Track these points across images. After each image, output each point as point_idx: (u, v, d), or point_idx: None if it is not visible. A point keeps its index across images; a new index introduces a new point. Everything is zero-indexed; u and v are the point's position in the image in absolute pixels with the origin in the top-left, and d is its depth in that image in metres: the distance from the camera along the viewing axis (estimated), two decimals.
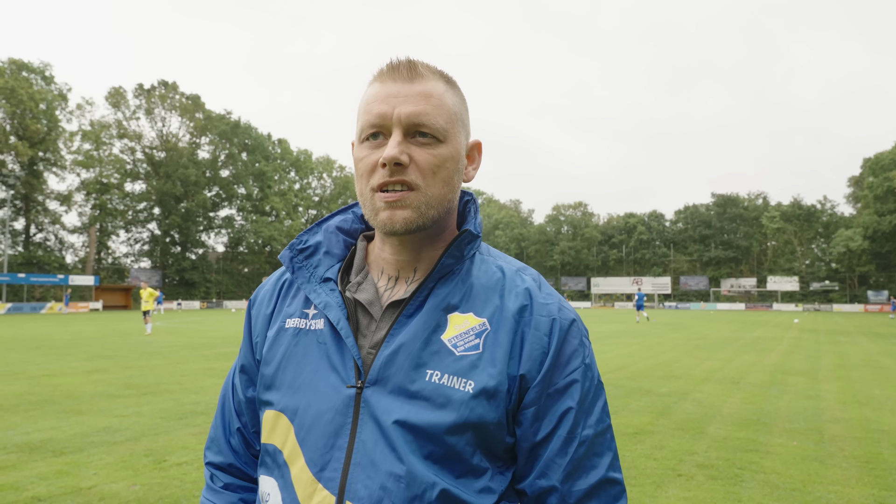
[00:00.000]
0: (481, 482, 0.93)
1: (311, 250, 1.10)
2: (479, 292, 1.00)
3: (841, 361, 14.95)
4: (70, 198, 65.31)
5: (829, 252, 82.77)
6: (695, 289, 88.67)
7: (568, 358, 0.97)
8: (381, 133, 0.97)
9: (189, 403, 8.53)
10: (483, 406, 0.92)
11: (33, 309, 50.28)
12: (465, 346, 0.95)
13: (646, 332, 25.80)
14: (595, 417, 0.98)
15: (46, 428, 7.00)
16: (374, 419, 0.93)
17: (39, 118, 60.07)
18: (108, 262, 72.00)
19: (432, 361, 0.94)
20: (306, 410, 0.97)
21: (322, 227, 1.14)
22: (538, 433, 0.95)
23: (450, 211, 1.04)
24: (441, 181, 0.98)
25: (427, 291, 1.00)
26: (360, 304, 1.02)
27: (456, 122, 1.01)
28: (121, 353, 15.53)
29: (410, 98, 0.96)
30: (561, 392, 0.96)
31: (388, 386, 0.94)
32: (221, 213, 78.62)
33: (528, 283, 1.03)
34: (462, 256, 1.02)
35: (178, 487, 4.93)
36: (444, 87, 1.00)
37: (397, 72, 0.98)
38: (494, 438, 0.94)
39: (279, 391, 1.02)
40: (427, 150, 0.96)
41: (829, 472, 5.55)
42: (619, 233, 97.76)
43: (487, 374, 0.93)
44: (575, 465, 0.95)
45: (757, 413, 8.21)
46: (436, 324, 0.97)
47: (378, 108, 0.96)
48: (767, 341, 21.46)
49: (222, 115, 75.83)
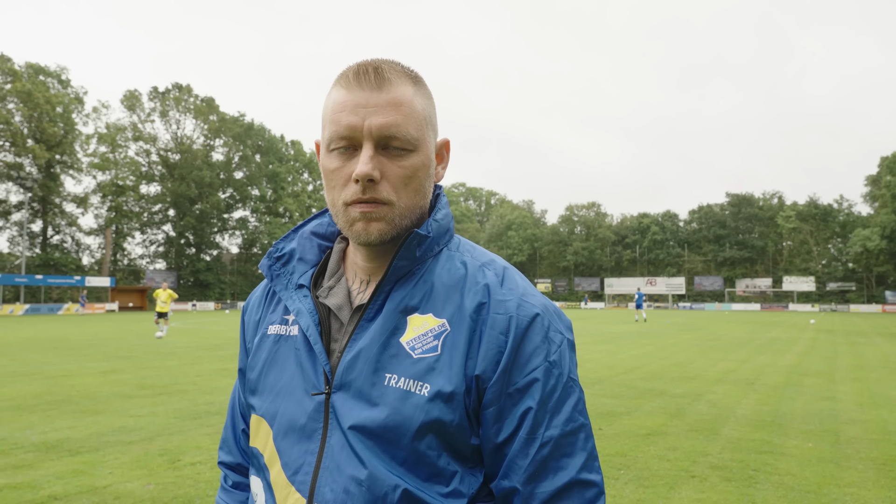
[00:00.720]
0: (450, 486, 0.92)
1: (286, 257, 1.10)
2: (440, 292, 0.98)
3: (858, 362, 14.79)
4: (86, 200, 66.01)
5: (846, 252, 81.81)
6: (709, 289, 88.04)
7: (528, 356, 0.93)
8: (352, 145, 0.95)
9: (203, 404, 8.59)
10: (439, 408, 0.90)
11: (50, 310, 50.85)
12: (423, 348, 0.94)
13: (660, 333, 25.66)
14: (563, 417, 0.94)
15: (63, 427, 7.08)
16: (339, 424, 0.93)
17: (56, 121, 60.79)
18: (123, 264, 72.67)
19: (390, 365, 0.94)
20: (283, 416, 0.99)
21: (297, 233, 1.14)
22: (499, 434, 0.93)
23: (422, 215, 1.03)
24: (413, 191, 0.97)
25: (385, 294, 0.99)
26: (331, 308, 1.02)
27: (426, 126, 0.99)
28: (136, 354, 15.67)
29: (380, 108, 0.93)
30: (521, 392, 0.92)
31: (350, 391, 0.94)
32: (235, 214, 79.17)
33: (489, 278, 0.99)
34: (414, 258, 0.99)
35: (191, 487, 4.96)
36: (412, 91, 0.97)
37: (364, 78, 0.94)
38: (457, 440, 0.92)
39: (261, 396, 1.04)
40: (398, 162, 0.95)
41: (845, 475, 5.50)
42: (633, 233, 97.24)
43: (444, 377, 0.91)
44: (538, 466, 0.92)
45: (772, 414, 8.14)
46: (394, 326, 0.96)
47: (347, 118, 0.93)
48: (783, 342, 21.27)
49: (236, 117, 76.34)
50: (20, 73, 58.53)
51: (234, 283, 75.58)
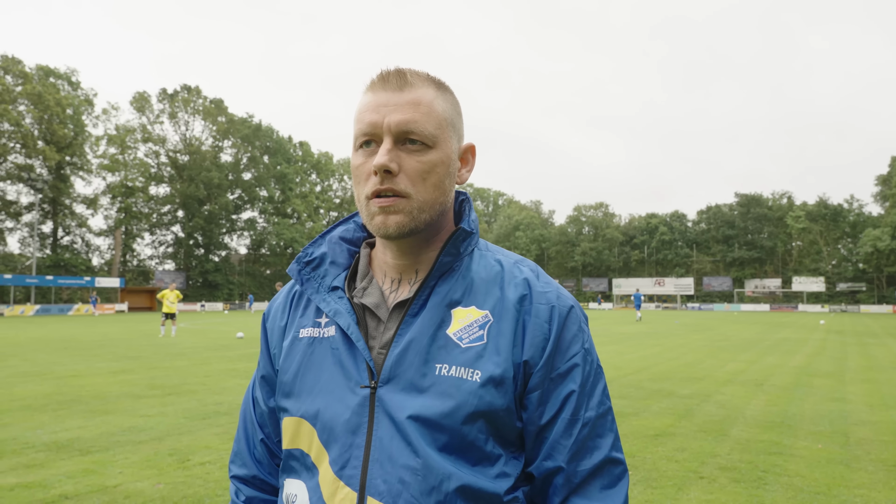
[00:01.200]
0: (497, 468, 0.97)
1: (317, 262, 1.14)
2: (480, 286, 1.05)
3: (868, 363, 14.70)
4: (96, 201, 66.35)
5: (857, 252, 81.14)
6: (718, 290, 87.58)
7: (568, 343, 1.02)
8: (373, 141, 1.01)
9: (212, 404, 8.63)
10: (491, 393, 0.96)
11: (61, 310, 51.17)
12: (470, 337, 0.99)
13: (668, 334, 25.57)
14: (596, 400, 1.02)
15: (73, 427, 7.13)
16: (388, 416, 0.97)
17: (66, 123, 61.15)
18: (133, 265, 73.03)
19: (440, 355, 0.99)
20: (325, 413, 1.02)
21: (325, 238, 1.19)
22: (543, 416, 0.99)
23: (443, 213, 1.07)
24: (431, 186, 1.02)
25: (429, 290, 1.04)
26: (368, 308, 1.06)
27: (446, 127, 1.04)
28: (146, 354, 15.76)
29: (400, 107, 0.99)
30: (563, 376, 1.00)
31: (400, 383, 0.98)
32: (244, 215, 79.32)
33: (527, 273, 1.07)
34: (459, 253, 1.06)
35: (201, 486, 4.99)
36: (434, 94, 1.03)
37: (387, 81, 1.02)
38: (505, 425, 0.98)
39: (298, 398, 1.06)
40: (416, 156, 1.00)
41: (855, 476, 5.47)
42: (641, 233, 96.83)
43: (493, 363, 0.97)
44: (579, 445, 0.99)
45: (781, 415, 8.10)
46: (440, 319, 1.02)
47: (369, 116, 1.00)
48: (792, 343, 21.15)
49: (244, 118, 76.55)
50: (31, 75, 58.94)
51: (243, 284, 75.78)
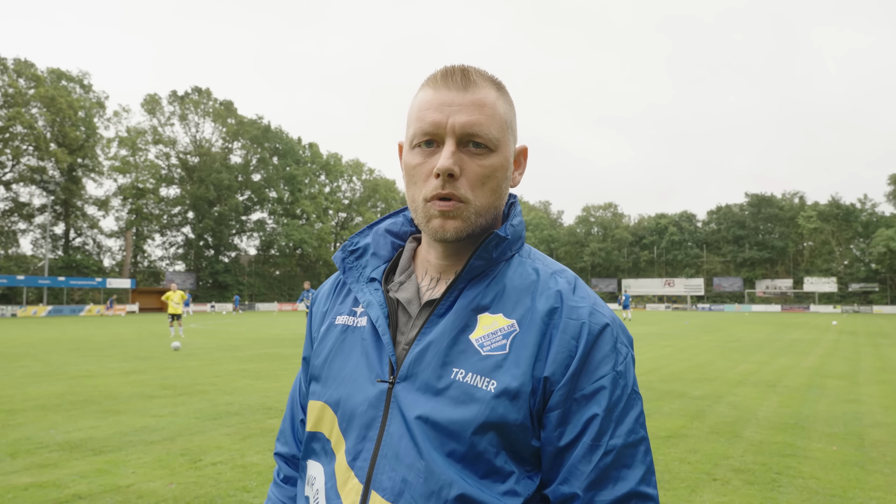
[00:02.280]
0: (506, 485, 0.92)
1: (360, 252, 1.15)
2: (512, 294, 1.01)
3: (882, 364, 14.57)
4: (107, 203, 66.84)
5: (869, 252, 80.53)
6: (729, 290, 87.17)
7: (597, 364, 0.95)
8: (435, 141, 0.99)
9: (223, 404, 8.66)
10: (504, 406, 0.92)
11: (73, 311, 51.56)
12: (492, 346, 0.96)
13: (679, 335, 25.45)
14: (626, 427, 0.95)
15: (86, 427, 7.17)
16: (401, 414, 0.95)
17: (78, 125, 61.67)
18: (143, 266, 73.51)
19: (458, 360, 0.96)
20: (346, 402, 1.02)
21: (373, 229, 1.18)
22: (562, 438, 0.94)
23: (497, 216, 1.05)
24: (490, 191, 1.00)
25: (458, 292, 1.02)
26: (401, 302, 1.05)
27: (507, 129, 1.02)
28: (157, 355, 15.84)
29: (465, 107, 0.97)
30: (588, 398, 0.94)
31: (416, 382, 0.96)
32: (253, 216, 79.68)
33: (562, 285, 1.02)
34: (491, 258, 1.03)
35: (213, 487, 5.00)
36: (496, 95, 1.01)
37: (451, 79, 0.99)
38: (518, 440, 0.93)
39: (324, 384, 1.08)
40: (478, 160, 0.98)
41: (871, 478, 5.41)
42: (650, 234, 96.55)
43: (511, 375, 0.93)
44: (600, 474, 0.92)
45: (794, 417, 8.04)
46: (465, 323, 0.99)
47: (432, 115, 0.98)
48: (805, 343, 21.00)
49: (254, 119, 76.91)
50: (43, 78, 59.46)
51: (252, 285, 76.07)
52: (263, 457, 5.90)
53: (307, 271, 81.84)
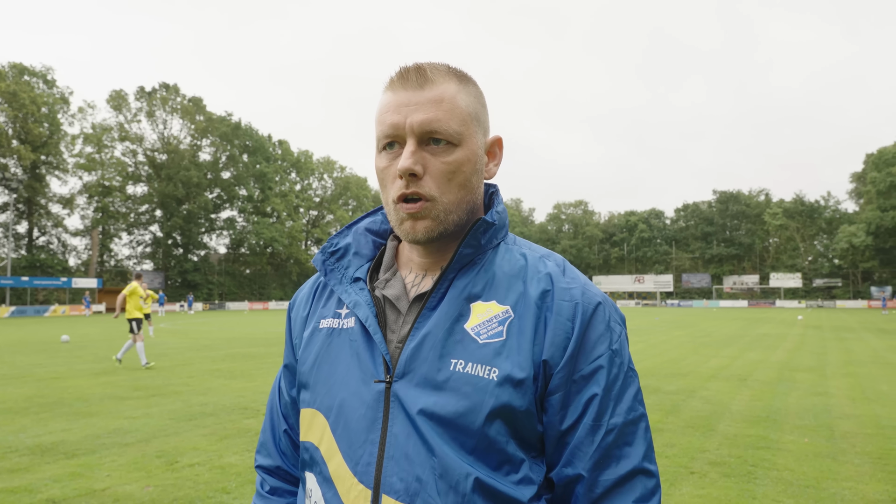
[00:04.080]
0: (520, 473, 0.92)
1: (341, 252, 1.12)
2: (502, 280, 1.00)
3: (848, 357, 14.94)
4: (72, 201, 65.36)
5: (832, 248, 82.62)
6: (697, 286, 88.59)
7: (593, 343, 0.95)
8: (397, 142, 0.98)
9: (197, 405, 8.53)
10: (509, 393, 0.91)
11: (37, 312, 50.34)
12: (489, 333, 0.95)
13: (651, 330, 25.78)
14: (625, 405, 0.95)
15: (57, 430, 7.00)
16: (404, 412, 0.94)
17: (41, 122, 60.12)
18: (110, 265, 72.05)
19: (456, 350, 0.95)
20: (340, 407, 0.99)
21: (352, 229, 1.16)
22: (564, 420, 0.94)
23: (473, 210, 1.04)
24: (457, 186, 0.99)
25: (448, 282, 1.01)
26: (389, 300, 1.04)
27: (471, 122, 1.01)
28: (127, 356, 15.53)
29: (421, 105, 0.96)
30: (586, 378, 0.94)
31: (415, 378, 0.95)
32: (223, 214, 78.60)
33: (551, 268, 1.02)
34: (480, 245, 1.02)
35: (191, 489, 4.93)
36: (456, 88, 1.00)
37: (407, 79, 0.98)
38: (525, 427, 0.93)
39: (314, 390, 1.05)
40: (441, 157, 0.97)
41: (842, 469, 5.54)
42: (621, 231, 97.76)
43: (512, 361, 0.92)
44: (603, 453, 0.92)
45: (766, 410, 8.20)
46: (458, 313, 0.98)
47: (391, 118, 0.97)
48: (773, 338, 21.44)
49: (223, 116, 75.82)
50: (4, 73, 57.85)
51: (222, 284, 75.09)
52: (242, 457, 5.83)
53: (278, 270, 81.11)
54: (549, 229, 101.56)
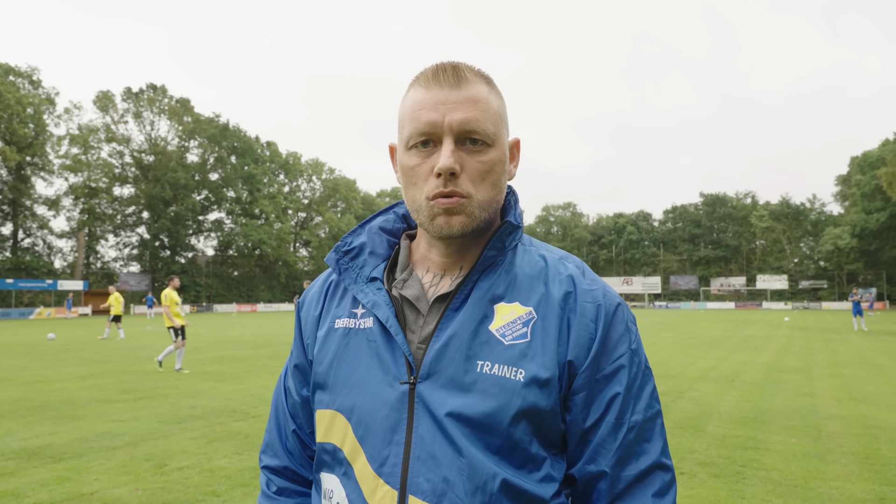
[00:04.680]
0: (542, 471, 0.94)
1: (355, 251, 1.12)
2: (524, 282, 1.02)
3: (834, 359, 15.07)
4: (58, 202, 64.73)
5: (818, 250, 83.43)
6: (685, 288, 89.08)
7: (615, 343, 0.98)
8: (431, 141, 0.98)
9: (186, 408, 8.48)
10: (535, 394, 0.93)
11: (22, 314, 49.83)
12: (514, 335, 0.96)
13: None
14: (644, 403, 0.98)
15: (44, 434, 6.94)
16: (429, 413, 0.94)
17: (27, 123, 59.53)
18: (96, 267, 71.42)
19: (482, 352, 0.96)
20: (362, 408, 0.99)
21: (365, 228, 1.16)
22: (587, 419, 0.96)
23: (498, 210, 1.06)
24: (490, 185, 1.00)
25: (472, 284, 1.01)
26: (408, 300, 1.04)
27: (501, 123, 1.03)
28: (114, 358, 15.43)
29: (459, 104, 0.97)
30: (609, 378, 0.97)
31: (440, 379, 0.95)
32: (211, 216, 78.10)
33: (572, 269, 1.04)
34: (504, 247, 1.04)
35: (181, 492, 4.90)
36: (487, 90, 1.01)
37: (443, 77, 0.99)
38: (549, 426, 0.95)
39: (333, 391, 1.04)
40: (477, 157, 0.98)
41: (830, 469, 5.60)
42: (609, 233, 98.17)
43: (537, 362, 0.94)
44: (625, 450, 0.95)
45: (754, 411, 8.26)
46: (483, 315, 0.98)
47: (427, 115, 0.97)
48: (760, 339, 21.60)
49: (211, 118, 75.42)
50: None
51: (210, 286, 74.62)
52: (231, 460, 5.80)
53: (266, 272, 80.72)
54: (537, 231, 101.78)
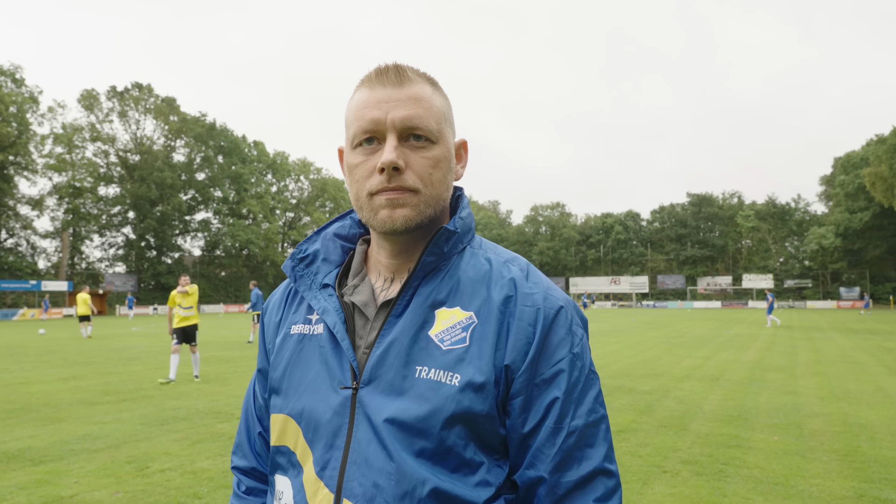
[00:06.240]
0: (478, 476, 0.93)
1: (310, 258, 1.13)
2: (467, 286, 1.01)
3: (817, 357, 15.21)
4: (42, 202, 64.02)
5: (803, 250, 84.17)
6: (672, 287, 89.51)
7: (554, 348, 0.97)
8: (376, 138, 0.99)
9: (170, 409, 8.42)
10: (470, 398, 0.92)
11: (5, 316, 49.31)
12: (452, 340, 0.96)
13: (626, 331, 26.01)
14: (586, 407, 0.96)
15: (24, 436, 6.86)
16: (367, 419, 0.95)
17: (9, 121, 58.79)
18: (81, 268, 70.73)
19: (420, 357, 0.96)
20: (311, 413, 1.00)
21: (320, 235, 1.17)
22: (526, 423, 0.95)
23: (444, 209, 1.06)
24: (437, 181, 1.01)
25: (413, 290, 1.02)
26: (357, 306, 1.05)
27: (444, 122, 1.04)
28: (97, 360, 15.29)
29: (402, 102, 0.98)
30: (547, 382, 0.95)
31: (380, 385, 0.96)
32: (197, 216, 77.54)
33: (515, 272, 1.03)
34: (442, 253, 1.03)
35: (162, 494, 4.86)
36: (431, 90, 1.03)
37: (386, 76, 1.00)
38: (486, 430, 0.94)
39: (286, 395, 1.06)
40: (421, 153, 0.99)
41: (811, 466, 5.64)
42: (597, 233, 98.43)
43: (474, 367, 0.93)
44: (564, 455, 0.94)
45: (738, 409, 8.31)
46: (423, 320, 0.99)
47: (371, 113, 0.98)
48: (745, 338, 21.75)
49: (197, 117, 74.94)
50: None
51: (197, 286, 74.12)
52: (214, 462, 5.76)
53: (254, 272, 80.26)
54: (526, 231, 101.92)
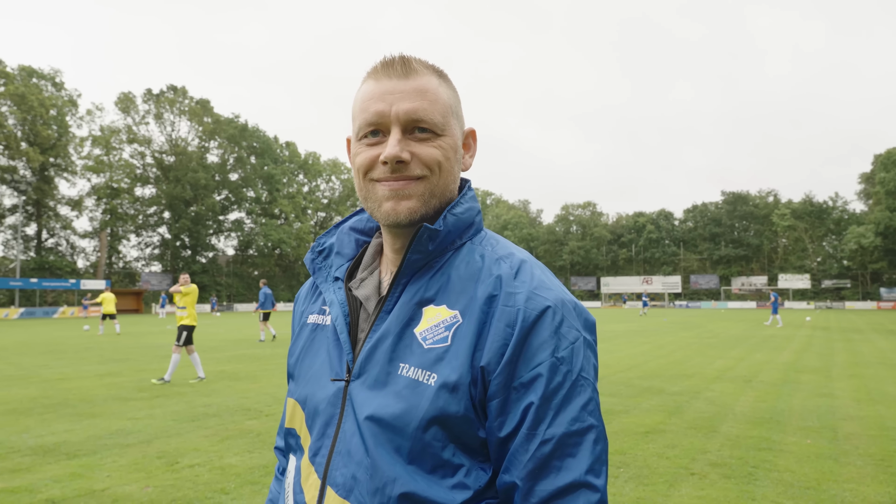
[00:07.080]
0: (455, 478, 0.91)
1: (327, 251, 1.17)
2: (456, 284, 0.99)
3: (854, 359, 14.83)
4: (81, 203, 65.76)
5: (841, 249, 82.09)
6: (705, 287, 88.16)
7: (534, 351, 0.91)
8: (380, 131, 0.99)
9: (201, 406, 8.56)
10: (445, 398, 0.90)
11: (45, 313, 50.68)
12: (434, 338, 0.95)
13: (657, 331, 25.68)
14: (569, 416, 0.90)
15: (60, 431, 7.04)
16: (353, 411, 0.97)
17: (50, 124, 60.56)
18: (118, 267, 72.42)
19: (404, 355, 0.96)
20: (312, 400, 1.05)
21: (338, 228, 1.20)
22: (503, 428, 0.91)
23: (450, 201, 1.05)
24: (444, 173, 1.01)
25: (401, 287, 1.02)
26: (360, 300, 1.07)
27: (451, 114, 1.03)
28: (133, 357, 15.62)
29: (407, 94, 0.98)
30: (525, 386, 0.90)
31: (368, 379, 0.98)
32: (231, 216, 78.83)
33: (503, 270, 0.98)
34: (427, 252, 1.00)
35: (190, 489, 4.94)
36: (437, 82, 1.02)
37: (391, 68, 1.00)
38: (464, 432, 0.91)
39: (297, 381, 1.12)
40: (427, 144, 0.99)
41: (844, 471, 5.51)
42: (629, 232, 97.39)
43: (451, 367, 0.92)
44: (539, 463, 0.89)
45: (770, 411, 8.15)
46: (409, 317, 0.99)
47: (375, 105, 0.98)
48: (779, 339, 21.31)
49: (230, 118, 76.11)
50: (13, 75, 58.29)
51: (231, 286, 75.31)
52: (242, 458, 5.85)
53: (286, 272, 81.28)
54: (556, 230, 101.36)
